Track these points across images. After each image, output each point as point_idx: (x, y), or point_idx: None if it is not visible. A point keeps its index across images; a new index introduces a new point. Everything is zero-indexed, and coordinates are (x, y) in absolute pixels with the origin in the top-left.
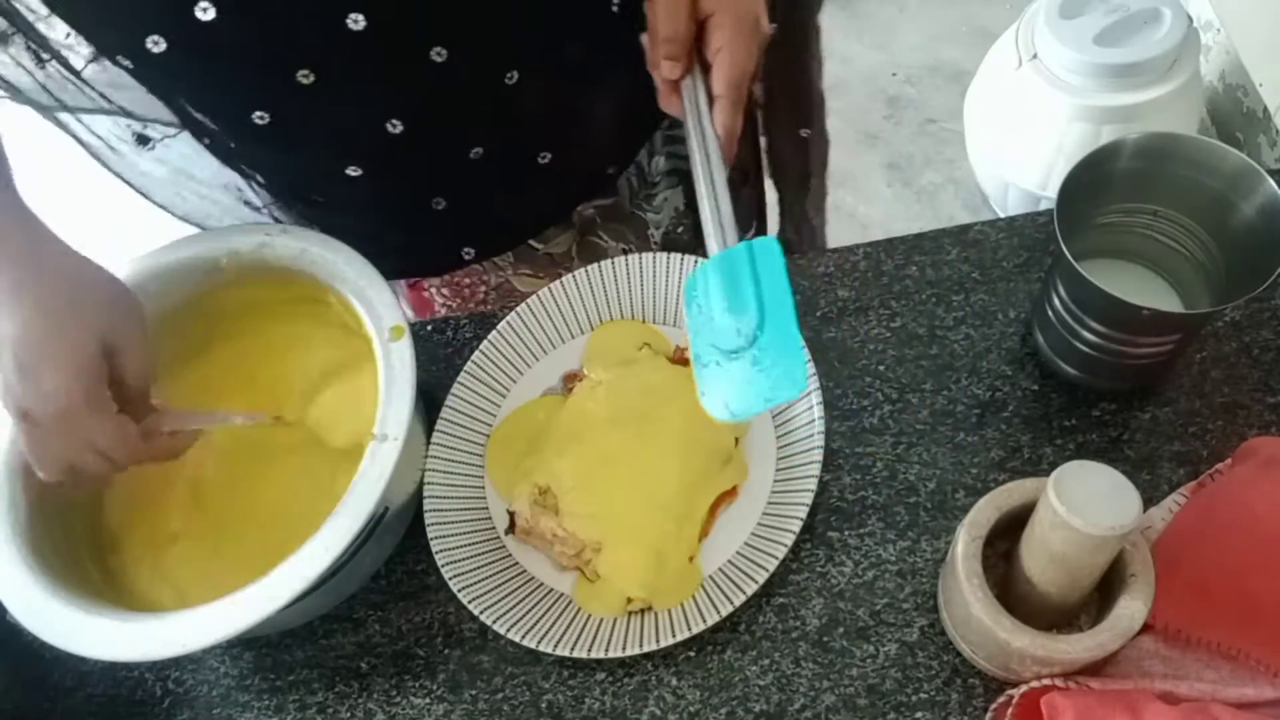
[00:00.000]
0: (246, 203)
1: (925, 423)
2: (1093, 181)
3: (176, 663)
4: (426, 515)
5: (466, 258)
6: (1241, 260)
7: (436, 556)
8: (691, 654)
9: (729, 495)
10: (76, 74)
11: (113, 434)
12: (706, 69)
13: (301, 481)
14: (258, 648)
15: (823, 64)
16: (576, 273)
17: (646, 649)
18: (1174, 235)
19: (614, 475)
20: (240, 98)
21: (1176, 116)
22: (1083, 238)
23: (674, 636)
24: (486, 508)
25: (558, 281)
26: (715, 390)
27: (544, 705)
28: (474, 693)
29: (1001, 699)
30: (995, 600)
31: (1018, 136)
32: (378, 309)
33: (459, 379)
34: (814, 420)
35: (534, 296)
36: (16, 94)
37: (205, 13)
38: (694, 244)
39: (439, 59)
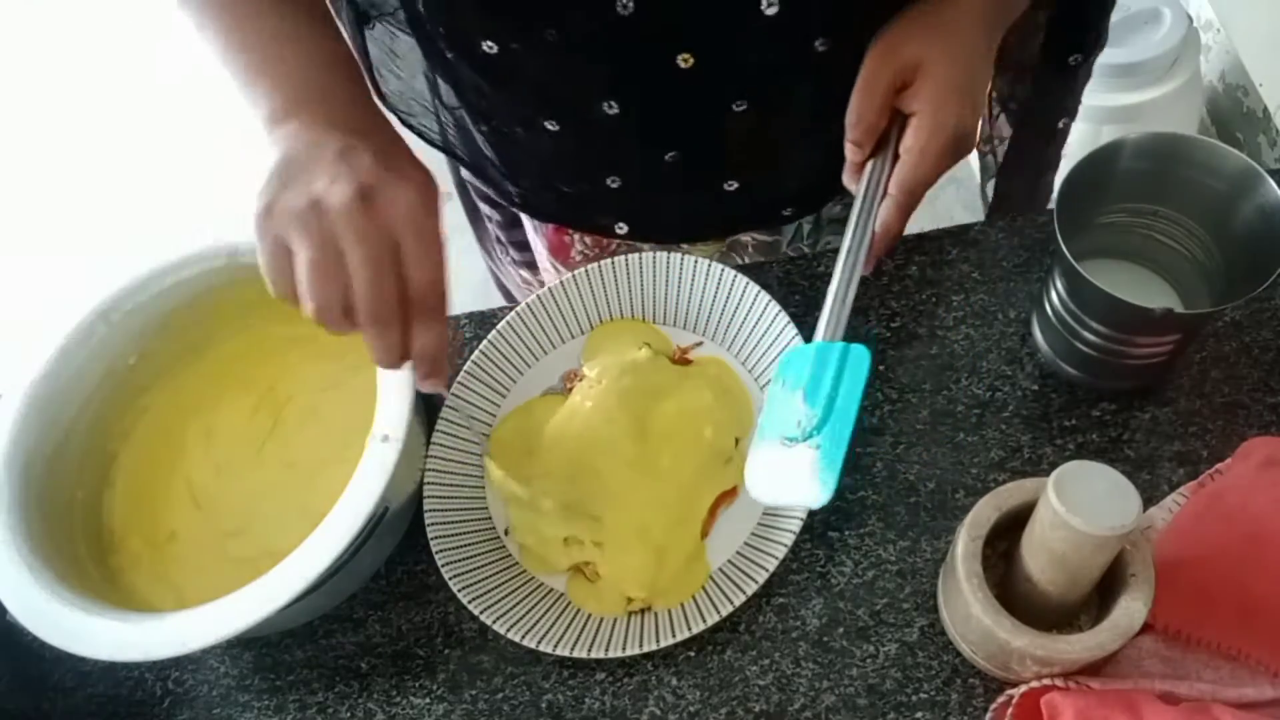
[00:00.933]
0: (433, 108)
1: (925, 423)
2: (1093, 181)
3: (176, 663)
4: (426, 515)
5: (619, 232)
6: (1241, 260)
7: (437, 556)
8: (691, 654)
9: (729, 495)
10: None
11: (371, 265)
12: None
13: (303, 481)
14: (258, 648)
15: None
16: (576, 272)
17: (647, 649)
18: (1174, 235)
19: (614, 475)
20: (477, 27)
21: (1176, 116)
22: (1083, 238)
23: (674, 636)
24: (486, 508)
25: (557, 281)
26: (758, 464)
27: (544, 705)
28: (474, 693)
29: (1001, 699)
30: (995, 600)
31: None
32: None
33: (459, 379)
34: None
35: (534, 296)
36: None
37: None
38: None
39: (683, 65)
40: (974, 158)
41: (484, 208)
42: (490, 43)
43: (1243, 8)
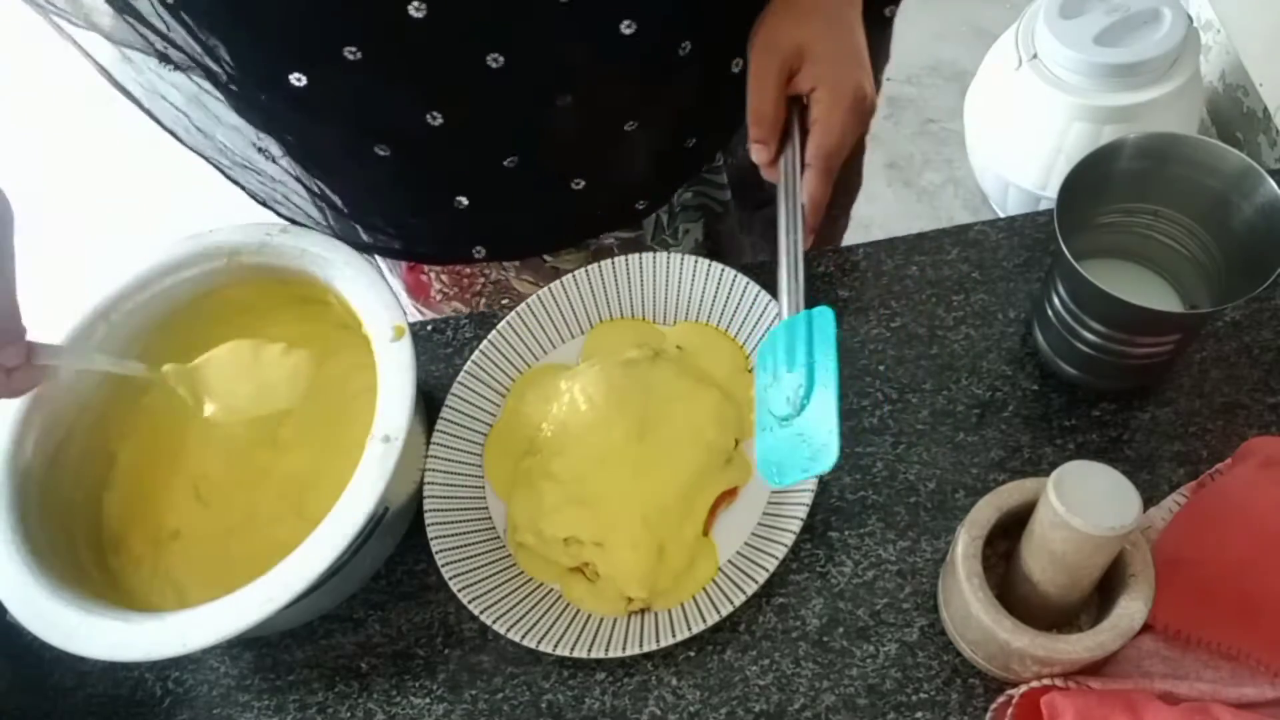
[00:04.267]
0: (261, 149)
1: (925, 423)
2: (1093, 181)
3: (176, 663)
4: (427, 515)
5: (477, 256)
6: (1241, 260)
7: (437, 556)
8: (691, 654)
9: (729, 495)
10: None
11: None
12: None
13: (304, 480)
14: (258, 648)
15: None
16: (576, 273)
17: (647, 649)
18: (1174, 235)
19: (614, 475)
20: (281, 58)
21: (1176, 116)
22: (1083, 238)
23: (674, 636)
24: (486, 507)
25: (557, 281)
26: (768, 455)
27: (544, 705)
28: (474, 693)
29: (1001, 699)
30: (995, 600)
31: (1018, 136)
32: (378, 309)
33: (459, 379)
34: None
35: (534, 296)
36: None
37: None
38: None
39: (494, 64)
40: None
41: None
42: (297, 74)
43: (1243, 8)
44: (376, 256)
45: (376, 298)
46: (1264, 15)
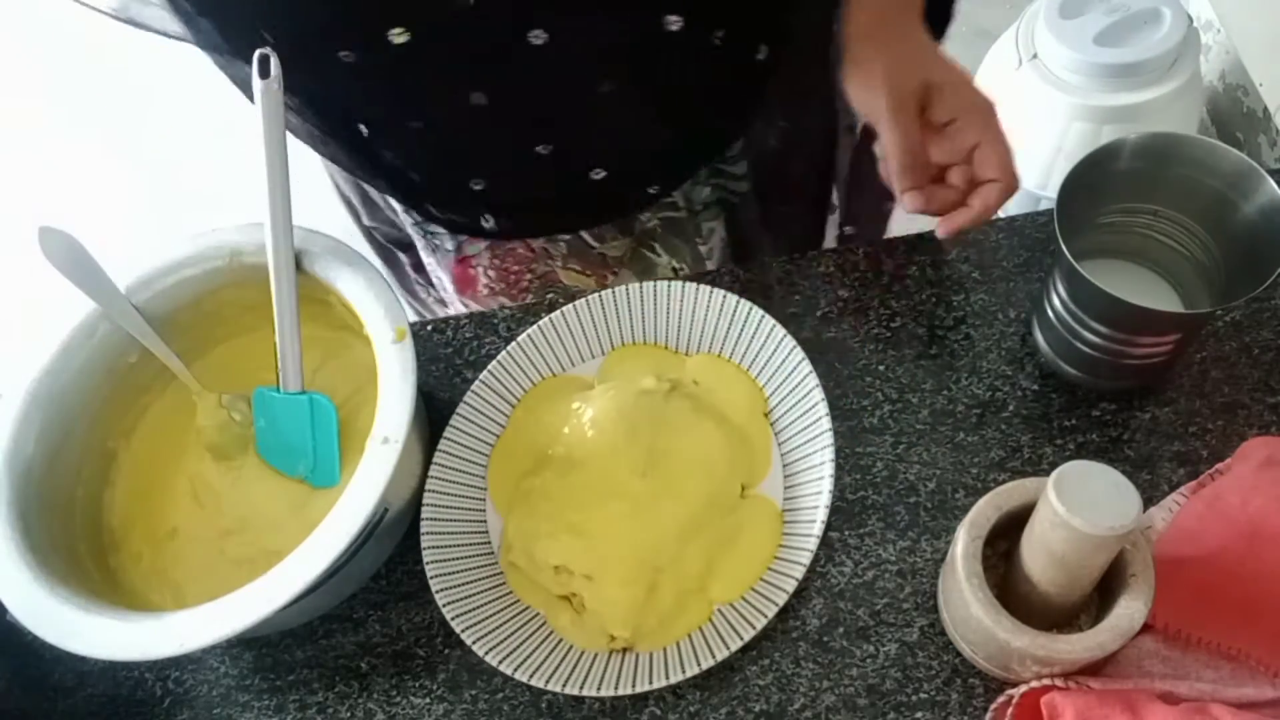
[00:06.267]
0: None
1: (925, 423)
2: (1093, 181)
3: (176, 663)
4: (423, 524)
5: (485, 225)
6: (1241, 260)
7: (427, 567)
8: None
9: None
10: None
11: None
12: None
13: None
14: (258, 648)
15: None
16: (598, 294)
17: (623, 691)
18: (1174, 235)
19: (613, 509)
20: (328, 41)
21: (1176, 116)
22: (1083, 238)
23: (651, 683)
24: (485, 521)
25: (581, 300)
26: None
27: (544, 705)
28: (474, 693)
29: (1001, 699)
30: (995, 600)
31: (1018, 136)
32: (379, 311)
33: (471, 389)
34: (824, 461)
35: (556, 313)
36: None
37: None
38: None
39: (536, 41)
40: None
41: (393, 249)
42: (346, 52)
43: (1243, 8)
44: (423, 252)
45: (378, 299)
46: (1264, 15)
